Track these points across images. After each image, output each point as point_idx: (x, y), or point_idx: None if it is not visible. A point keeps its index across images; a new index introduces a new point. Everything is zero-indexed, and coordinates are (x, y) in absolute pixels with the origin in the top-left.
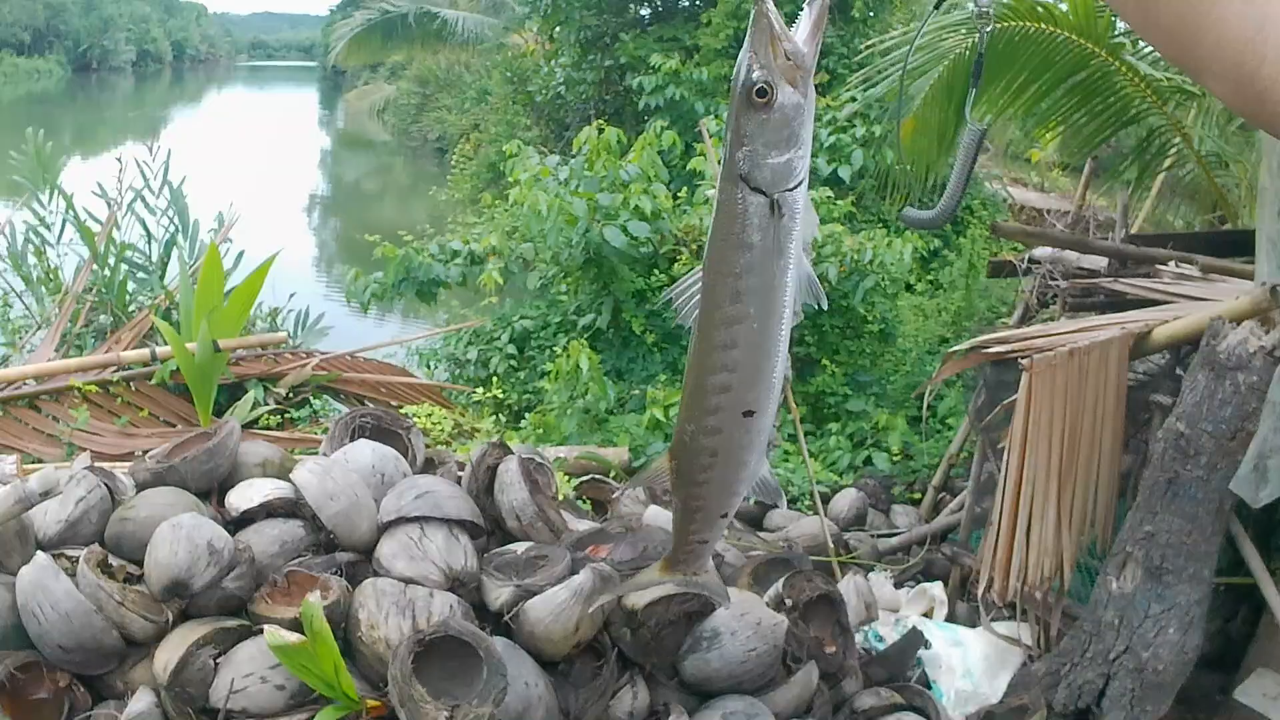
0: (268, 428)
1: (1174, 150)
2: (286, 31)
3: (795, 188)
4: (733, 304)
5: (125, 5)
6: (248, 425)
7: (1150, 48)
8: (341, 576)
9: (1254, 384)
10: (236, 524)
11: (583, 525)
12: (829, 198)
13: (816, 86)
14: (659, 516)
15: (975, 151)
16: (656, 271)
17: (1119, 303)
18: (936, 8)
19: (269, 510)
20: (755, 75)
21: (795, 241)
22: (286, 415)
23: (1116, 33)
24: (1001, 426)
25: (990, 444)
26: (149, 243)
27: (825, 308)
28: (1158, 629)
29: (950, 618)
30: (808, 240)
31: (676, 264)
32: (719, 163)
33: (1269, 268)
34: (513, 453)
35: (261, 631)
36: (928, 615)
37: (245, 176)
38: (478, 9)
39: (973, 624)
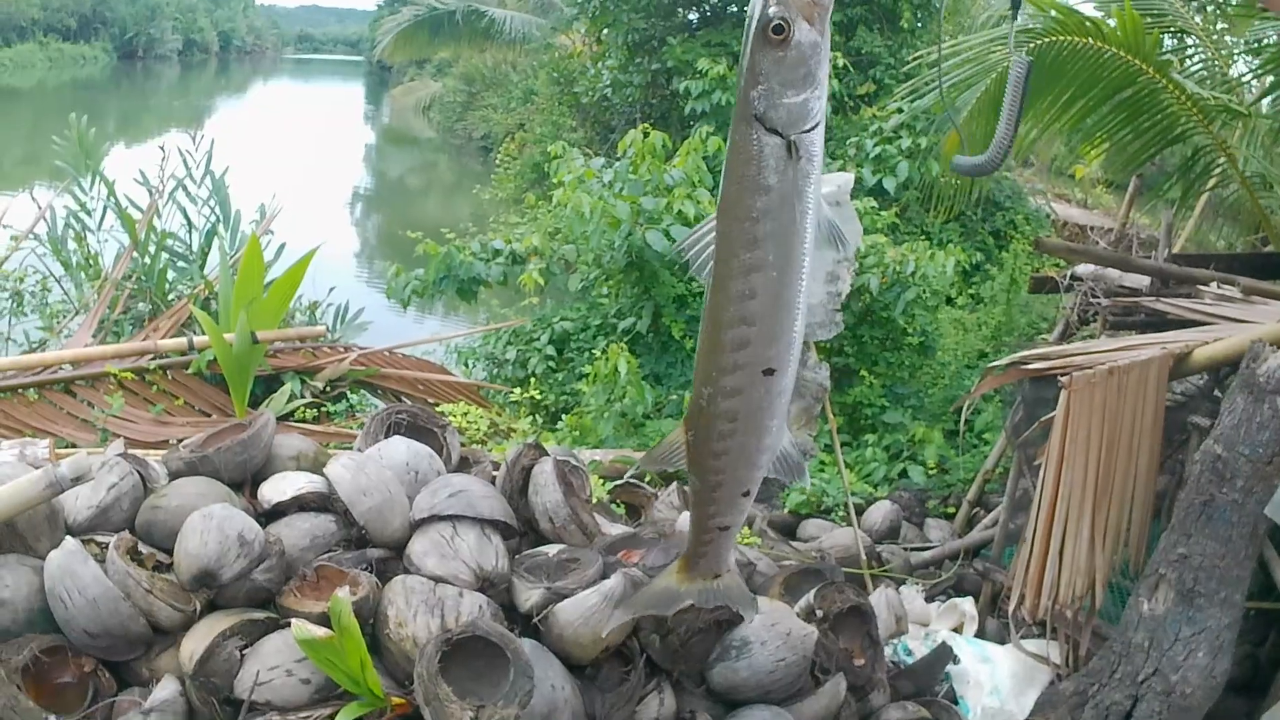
0: (303, 421)
1: (1218, 170)
2: (333, 25)
3: (812, 129)
4: (749, 251)
5: None
6: (283, 418)
7: (1195, 65)
8: (371, 573)
9: None
10: (268, 516)
11: (616, 529)
12: (873, 208)
13: (862, 97)
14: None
15: (1025, 86)
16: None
17: (1160, 322)
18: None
19: (301, 504)
20: (771, 11)
21: (814, 186)
22: (323, 409)
23: (1164, 50)
24: (1038, 443)
25: (1026, 460)
26: (190, 232)
27: (849, 255)
28: (1187, 652)
29: (980, 634)
30: (850, 247)
31: None
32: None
33: None
34: (548, 454)
35: (289, 625)
36: (958, 630)
37: (289, 169)
38: (526, 8)
39: (1002, 641)
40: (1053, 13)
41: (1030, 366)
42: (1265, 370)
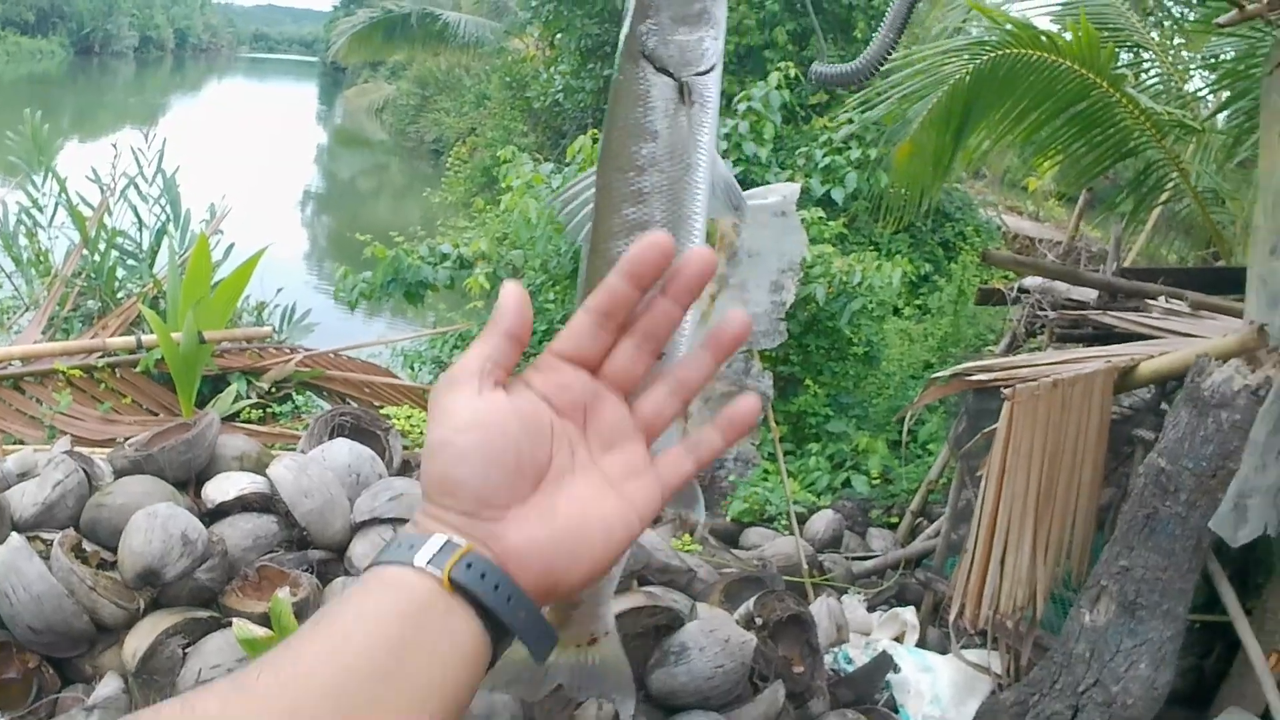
0: (249, 421)
1: (1171, 185)
2: (289, 25)
3: (708, 72)
4: (633, 206)
5: None
6: (229, 418)
7: (1151, 80)
8: (312, 574)
9: (1237, 422)
10: (211, 516)
11: None
12: (821, 218)
13: (814, 107)
14: None
15: (907, 10)
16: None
17: (1107, 335)
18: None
19: (244, 504)
20: None
21: (709, 138)
22: (268, 410)
23: (1120, 65)
24: (981, 454)
25: (969, 471)
26: (140, 230)
27: (745, 219)
28: (1129, 663)
29: (921, 643)
30: (795, 258)
31: None
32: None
33: (1258, 306)
34: None
35: (231, 624)
36: (899, 640)
37: (240, 169)
38: (480, 12)
39: (943, 650)
40: (1008, 26)
41: (973, 378)
42: (1210, 384)
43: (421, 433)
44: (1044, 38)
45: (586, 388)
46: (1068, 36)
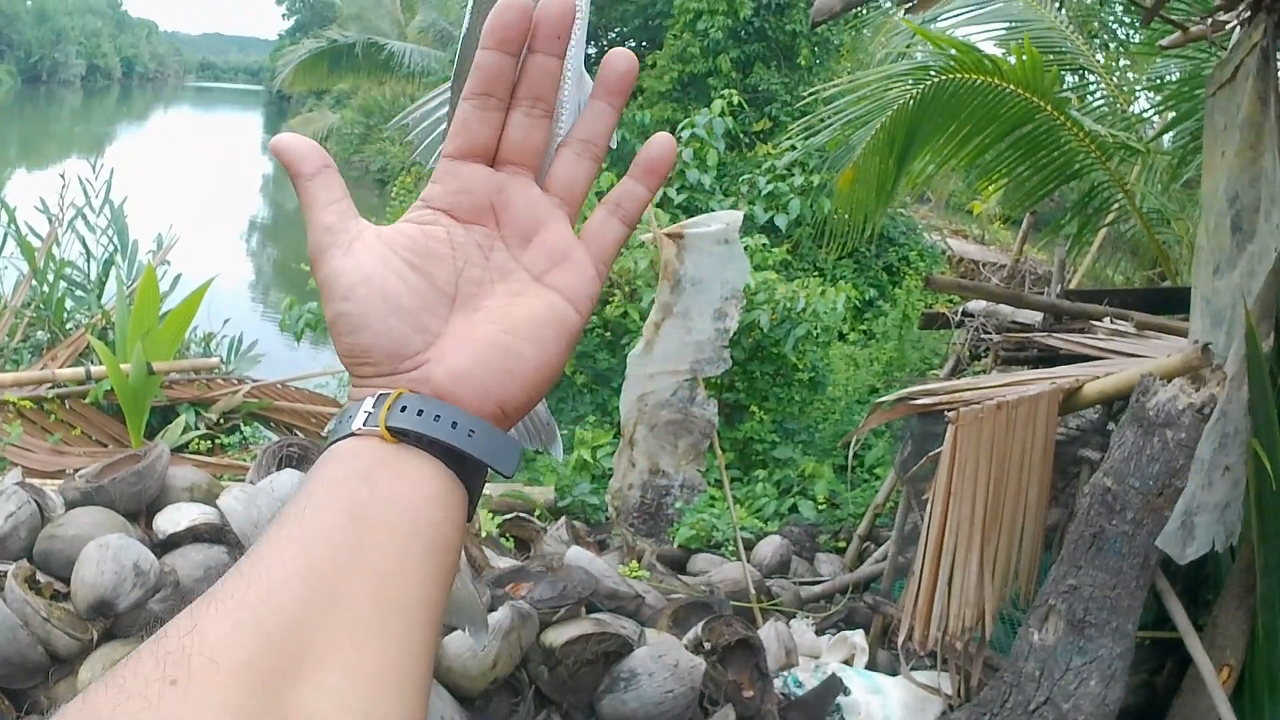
0: (198, 452)
1: (1116, 206)
2: (235, 54)
3: None
4: None
5: (78, 18)
6: (178, 449)
7: (1097, 102)
8: None
9: (1182, 441)
10: (163, 547)
11: (504, 563)
12: (764, 245)
13: (758, 133)
14: (580, 557)
15: None
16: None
17: (1052, 357)
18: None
19: (195, 535)
20: None
21: (577, 54)
22: (217, 441)
23: (1065, 87)
24: (927, 478)
25: (915, 495)
26: (88, 261)
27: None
28: (1079, 681)
29: (871, 665)
30: (738, 285)
31: (609, 305)
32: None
33: (1202, 326)
34: None
35: None
36: (848, 663)
37: (187, 198)
38: (425, 41)
39: (893, 672)
40: (951, 51)
41: (918, 402)
42: (1155, 404)
43: None
44: (988, 62)
45: (489, 181)
46: (1011, 60)
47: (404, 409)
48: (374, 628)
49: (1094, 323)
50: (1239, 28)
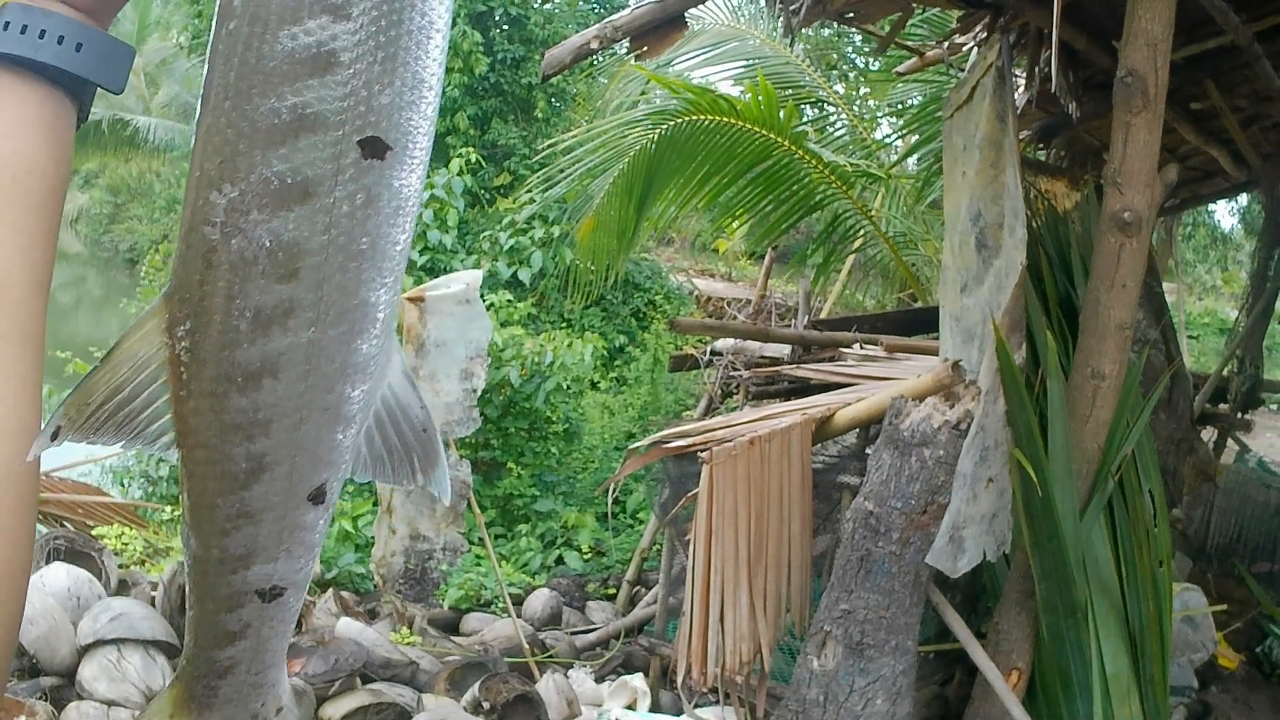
0: None
1: (862, 232)
2: None
3: None
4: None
5: None
6: None
7: (839, 131)
8: (47, 701)
9: (941, 458)
10: None
11: None
12: (509, 301)
13: (499, 189)
14: (350, 628)
15: None
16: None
17: (803, 388)
18: None
19: None
20: None
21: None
22: None
23: (805, 120)
24: (688, 519)
25: (678, 536)
26: None
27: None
28: (865, 701)
29: (654, 707)
30: (482, 344)
31: None
32: None
33: (953, 344)
34: None
35: None
36: (631, 707)
37: None
38: (170, 115)
39: (677, 712)
40: (686, 94)
41: (670, 445)
42: (909, 424)
43: (134, 551)
44: (723, 101)
45: None
46: (747, 99)
47: (6, 25)
48: None
49: (844, 350)
50: (975, 49)
